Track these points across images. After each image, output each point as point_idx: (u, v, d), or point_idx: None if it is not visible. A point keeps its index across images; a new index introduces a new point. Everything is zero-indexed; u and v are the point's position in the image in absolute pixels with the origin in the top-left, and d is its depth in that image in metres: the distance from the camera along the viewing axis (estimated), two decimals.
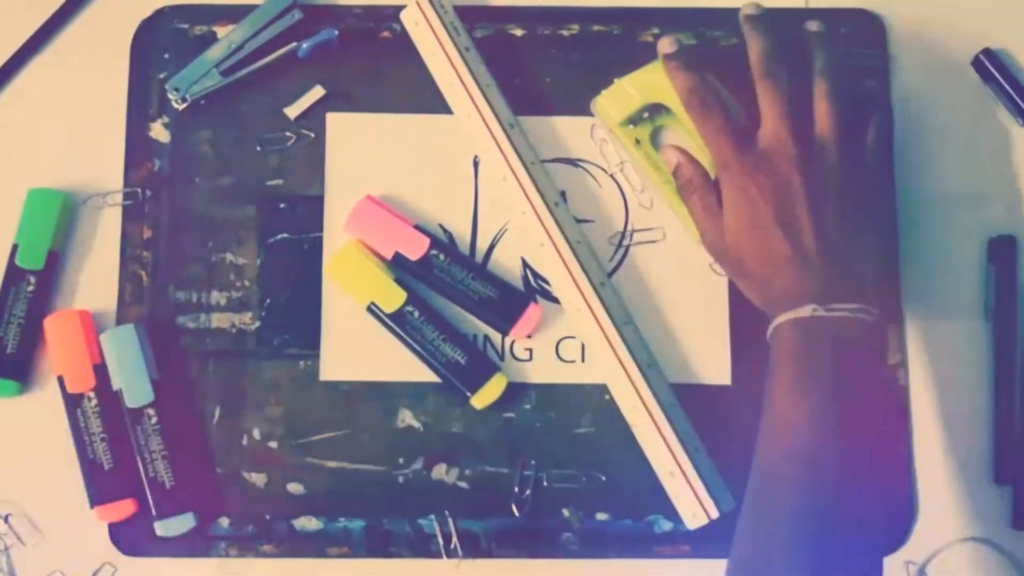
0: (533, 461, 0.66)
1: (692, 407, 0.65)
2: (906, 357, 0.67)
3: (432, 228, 0.68)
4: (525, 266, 0.68)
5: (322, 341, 0.67)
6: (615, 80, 0.68)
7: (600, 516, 0.66)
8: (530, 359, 0.67)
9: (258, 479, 0.66)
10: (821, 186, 0.60)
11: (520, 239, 0.68)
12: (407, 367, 0.66)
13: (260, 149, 0.69)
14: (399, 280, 0.66)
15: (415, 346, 0.65)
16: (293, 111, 0.69)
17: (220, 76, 0.69)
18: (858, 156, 0.62)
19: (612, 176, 0.69)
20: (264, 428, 0.66)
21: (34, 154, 0.69)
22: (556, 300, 0.67)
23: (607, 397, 0.66)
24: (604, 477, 0.66)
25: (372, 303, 0.66)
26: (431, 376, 0.66)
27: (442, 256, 0.66)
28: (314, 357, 0.67)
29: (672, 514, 0.64)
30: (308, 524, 0.65)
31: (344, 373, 0.67)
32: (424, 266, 0.66)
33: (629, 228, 0.69)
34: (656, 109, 0.68)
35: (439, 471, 0.66)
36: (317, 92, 0.69)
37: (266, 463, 0.66)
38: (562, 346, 0.67)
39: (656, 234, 0.69)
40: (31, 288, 0.66)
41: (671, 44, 0.66)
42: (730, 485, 0.63)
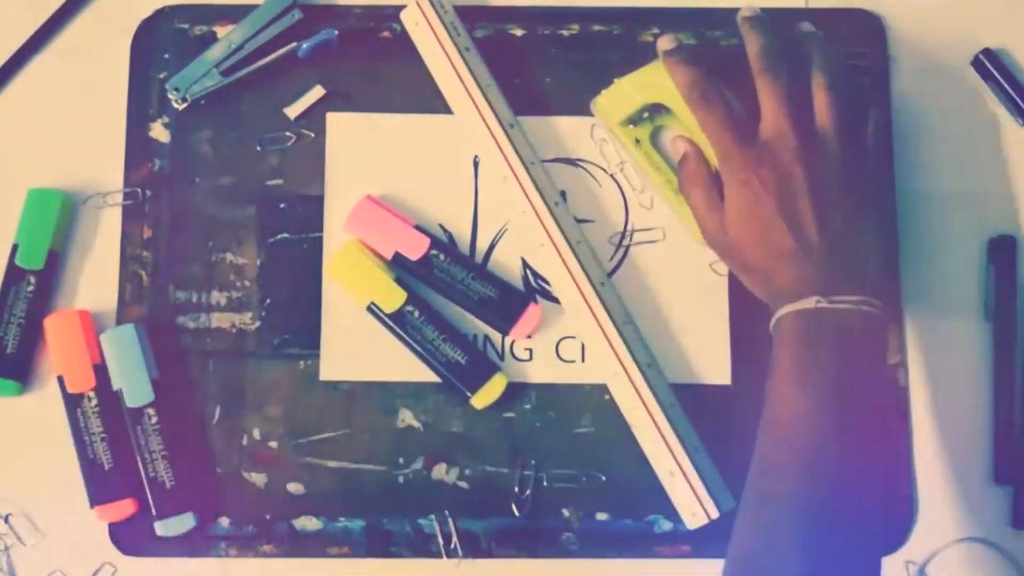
0: (533, 461, 0.66)
1: (692, 407, 0.65)
2: (906, 357, 0.67)
3: (432, 228, 0.68)
4: (525, 266, 0.68)
5: (322, 341, 0.67)
6: (615, 80, 0.68)
7: (600, 516, 0.66)
8: (530, 359, 0.67)
9: (258, 479, 0.66)
10: (823, 178, 0.60)
11: (520, 239, 0.68)
12: (407, 367, 0.66)
13: (260, 149, 0.69)
14: (399, 280, 0.66)
15: (415, 346, 0.65)
16: (293, 111, 0.69)
17: (220, 76, 0.69)
18: (859, 149, 0.62)
19: (612, 176, 0.69)
20: (264, 428, 0.66)
21: (34, 154, 0.69)
22: (556, 300, 0.67)
23: (607, 397, 0.66)
24: (604, 477, 0.66)
25: (372, 303, 0.66)
26: (431, 376, 0.66)
27: (442, 256, 0.66)
28: (314, 357, 0.67)
29: (672, 514, 0.64)
30: (308, 524, 0.65)
31: (344, 373, 0.67)
32: (424, 266, 0.66)
33: (629, 228, 0.69)
34: (656, 109, 0.68)
35: (439, 471, 0.66)
36: (317, 92, 0.69)
37: (266, 463, 0.66)
38: (562, 346, 0.67)
39: (656, 234, 0.69)
40: (31, 288, 0.66)
41: (671, 41, 0.66)
42: (730, 485, 0.63)
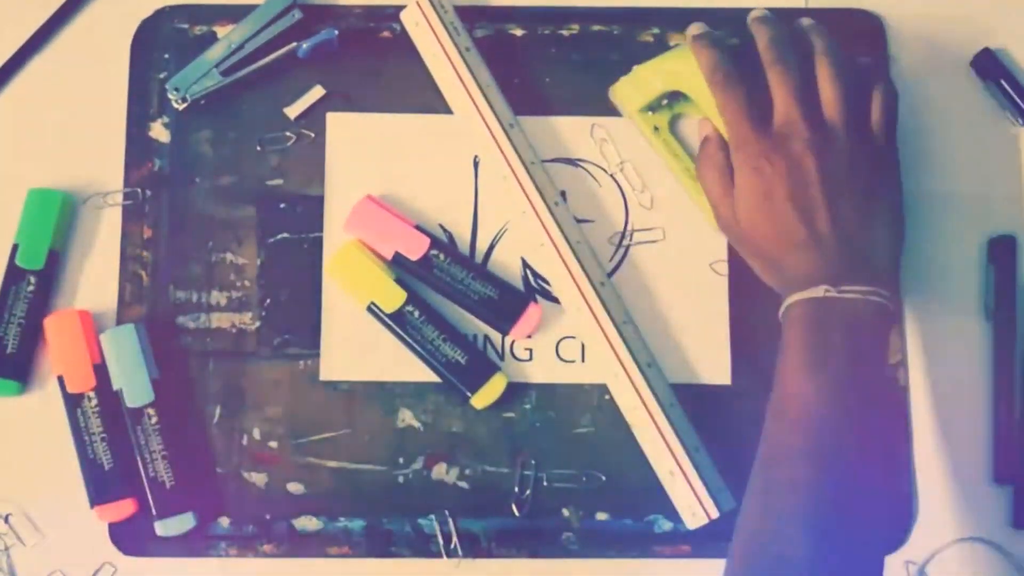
0: (533, 461, 0.66)
1: (692, 407, 0.65)
2: (906, 357, 0.67)
3: (432, 228, 0.68)
4: (525, 266, 0.68)
5: (322, 341, 0.67)
6: (634, 67, 0.68)
7: (600, 516, 0.66)
8: (530, 359, 0.67)
9: (258, 479, 0.66)
10: (834, 168, 0.61)
11: (520, 239, 0.68)
12: (407, 367, 0.66)
13: (260, 149, 0.69)
14: (399, 280, 0.66)
15: (415, 346, 0.65)
16: (293, 111, 0.69)
17: (220, 76, 0.68)
18: (868, 139, 0.63)
19: (612, 176, 0.69)
20: (264, 428, 0.66)
21: (34, 154, 0.69)
22: (556, 300, 0.67)
23: (607, 397, 0.66)
24: (604, 477, 0.66)
25: (372, 303, 0.66)
26: (431, 376, 0.66)
27: (442, 256, 0.66)
28: (314, 357, 0.67)
29: (672, 514, 0.64)
30: (308, 524, 0.65)
31: (344, 373, 0.67)
32: (424, 266, 0.66)
33: (629, 228, 0.69)
34: (675, 96, 0.68)
35: (439, 471, 0.66)
36: (317, 92, 0.69)
37: (266, 463, 0.66)
38: (562, 346, 0.67)
39: (656, 234, 0.69)
40: (31, 288, 0.66)
41: (700, 27, 0.66)
42: (730, 485, 0.63)
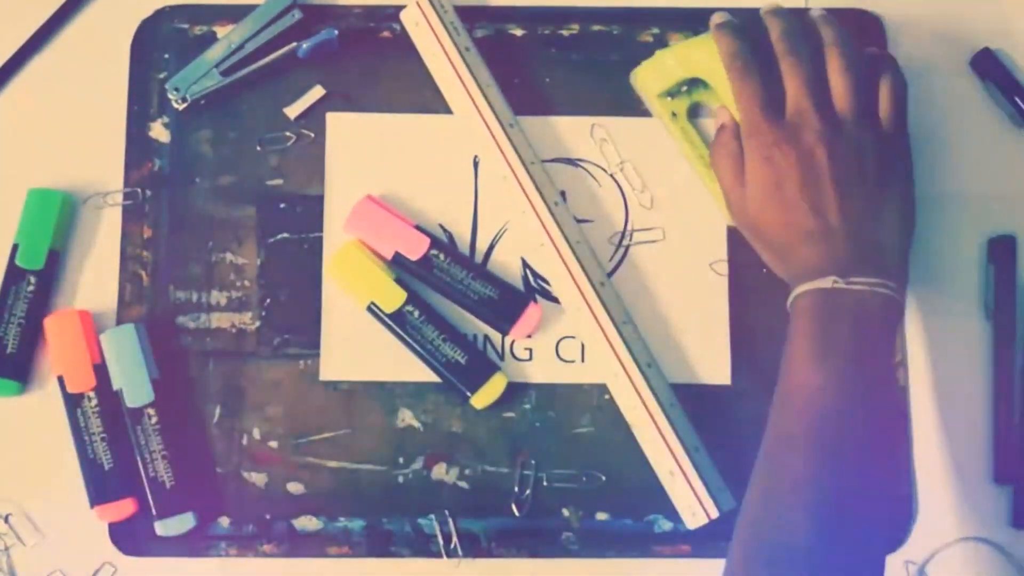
0: (533, 461, 0.66)
1: (692, 407, 0.65)
2: (906, 357, 0.67)
3: (432, 228, 0.68)
4: (525, 266, 0.68)
5: (322, 341, 0.67)
6: (656, 52, 0.68)
7: (600, 516, 0.66)
8: (530, 359, 0.67)
9: (258, 479, 0.66)
10: (845, 159, 0.61)
11: (520, 239, 0.68)
12: (407, 367, 0.66)
13: (260, 149, 0.69)
14: (399, 280, 0.66)
15: (415, 346, 0.65)
16: (293, 111, 0.69)
17: (220, 76, 0.69)
18: (879, 130, 0.63)
19: (612, 176, 0.69)
20: (264, 428, 0.66)
21: (34, 154, 0.69)
22: (556, 300, 0.67)
23: (607, 397, 0.66)
24: (604, 477, 0.66)
25: (372, 303, 0.66)
26: (431, 376, 0.66)
27: (442, 256, 0.66)
28: (314, 357, 0.67)
29: (672, 514, 0.64)
30: (308, 524, 0.65)
31: (344, 373, 0.67)
32: (424, 266, 0.66)
33: (629, 228, 0.69)
34: (695, 83, 0.68)
35: (439, 471, 0.66)
36: (317, 92, 0.69)
37: (266, 463, 0.66)
38: (562, 346, 0.67)
39: (656, 234, 0.69)
40: (31, 288, 0.66)
41: (723, 16, 0.66)
42: (730, 485, 0.63)
